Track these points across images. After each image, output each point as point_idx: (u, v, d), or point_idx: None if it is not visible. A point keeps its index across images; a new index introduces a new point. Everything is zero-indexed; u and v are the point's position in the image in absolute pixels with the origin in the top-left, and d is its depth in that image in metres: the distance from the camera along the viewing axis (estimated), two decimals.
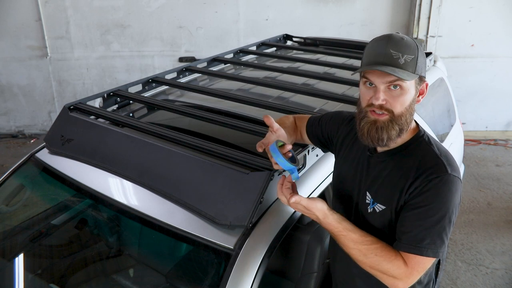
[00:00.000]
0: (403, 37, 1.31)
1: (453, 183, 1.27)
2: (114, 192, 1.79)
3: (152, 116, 2.27)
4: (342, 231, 1.33)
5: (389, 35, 1.33)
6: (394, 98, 1.29)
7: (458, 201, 1.30)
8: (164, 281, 1.82)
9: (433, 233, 1.26)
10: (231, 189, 1.58)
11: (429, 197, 1.27)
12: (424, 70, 1.32)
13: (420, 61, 1.29)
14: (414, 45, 1.29)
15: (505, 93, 5.55)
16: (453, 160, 1.33)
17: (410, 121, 1.34)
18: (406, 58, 1.27)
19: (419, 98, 1.34)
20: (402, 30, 5.46)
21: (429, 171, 1.29)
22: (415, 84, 1.31)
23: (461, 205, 4.20)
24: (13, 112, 5.87)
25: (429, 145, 1.35)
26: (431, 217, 1.26)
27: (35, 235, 2.10)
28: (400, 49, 1.27)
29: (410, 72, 1.27)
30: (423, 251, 1.26)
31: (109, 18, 5.46)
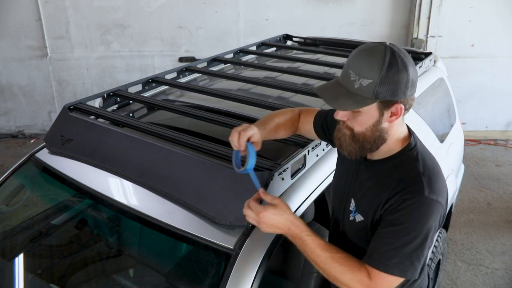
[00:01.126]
0: (372, 56, 1.20)
1: (428, 206, 1.24)
2: (114, 192, 1.79)
3: (152, 116, 2.27)
4: (310, 236, 1.31)
5: (362, 50, 1.25)
6: (353, 118, 1.29)
7: (435, 225, 1.25)
8: (164, 281, 1.82)
9: (402, 254, 1.23)
10: (231, 189, 1.58)
11: (401, 217, 1.24)
12: (396, 94, 1.21)
13: (385, 84, 1.19)
14: (379, 67, 1.19)
15: (505, 93, 5.55)
16: (436, 181, 1.28)
17: (380, 140, 1.30)
18: (362, 82, 1.20)
19: (392, 118, 1.27)
20: (402, 30, 5.47)
21: (406, 190, 1.25)
22: (379, 107, 1.24)
23: (461, 205, 4.21)
24: (13, 112, 5.87)
25: (415, 162, 1.30)
26: (402, 237, 1.23)
27: (35, 235, 2.10)
28: (359, 71, 1.21)
29: (364, 97, 1.21)
30: (389, 269, 1.23)
31: (109, 18, 5.46)
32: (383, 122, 1.27)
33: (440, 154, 2.87)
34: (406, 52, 1.25)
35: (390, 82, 1.20)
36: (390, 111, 1.26)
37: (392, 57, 1.20)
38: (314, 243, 1.30)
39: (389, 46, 1.22)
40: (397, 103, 1.24)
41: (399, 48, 1.24)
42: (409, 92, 1.24)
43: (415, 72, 1.25)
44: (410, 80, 1.22)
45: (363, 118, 1.27)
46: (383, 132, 1.29)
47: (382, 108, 1.25)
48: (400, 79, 1.20)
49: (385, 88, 1.20)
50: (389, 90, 1.20)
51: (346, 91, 1.24)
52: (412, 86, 1.24)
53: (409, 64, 1.22)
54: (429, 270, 2.70)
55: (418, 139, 1.39)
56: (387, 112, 1.26)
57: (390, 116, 1.27)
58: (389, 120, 1.27)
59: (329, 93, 1.28)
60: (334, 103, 1.26)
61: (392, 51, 1.21)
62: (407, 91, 1.23)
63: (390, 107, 1.25)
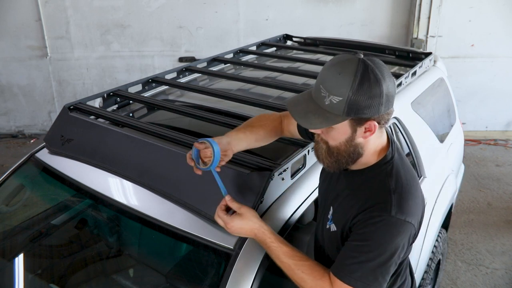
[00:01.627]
0: (343, 72, 1.15)
1: (394, 226, 1.21)
2: (114, 192, 1.79)
3: (152, 116, 2.27)
4: (274, 242, 1.33)
5: (334, 64, 1.19)
6: (327, 132, 1.26)
7: (402, 244, 1.24)
8: (164, 281, 1.82)
9: (365, 268, 1.22)
10: (231, 189, 1.58)
11: (366, 233, 1.23)
12: (369, 111, 1.17)
13: (356, 102, 1.14)
14: (350, 84, 1.14)
15: (505, 93, 5.55)
16: (407, 200, 1.24)
17: (355, 154, 1.27)
18: (333, 99, 1.16)
19: (366, 134, 1.23)
20: (402, 30, 5.47)
21: (374, 207, 1.23)
22: (351, 124, 1.21)
23: (461, 205, 4.21)
24: (13, 112, 5.87)
25: (388, 177, 1.27)
26: (366, 253, 1.22)
27: (35, 235, 2.10)
28: (330, 87, 1.16)
29: (334, 114, 1.17)
30: (352, 282, 1.22)
31: (109, 18, 5.46)
32: (357, 138, 1.25)
33: (440, 154, 2.87)
34: (382, 66, 1.20)
35: (361, 100, 1.15)
36: (364, 127, 1.22)
37: (364, 72, 1.15)
38: (278, 250, 1.32)
39: (362, 60, 1.17)
40: (370, 120, 1.20)
41: (375, 61, 1.19)
42: (383, 108, 1.18)
43: (392, 86, 1.20)
44: (384, 96, 1.16)
45: (335, 133, 1.24)
46: (358, 147, 1.27)
47: (355, 125, 1.22)
48: (372, 96, 1.15)
49: (355, 106, 1.15)
50: (360, 108, 1.16)
51: (316, 108, 1.20)
52: (388, 101, 1.19)
53: (383, 80, 1.16)
54: (429, 270, 2.70)
55: (397, 150, 1.35)
56: (360, 128, 1.22)
57: (364, 132, 1.23)
58: (363, 136, 1.24)
59: (300, 108, 1.24)
60: (303, 120, 1.23)
61: (365, 66, 1.15)
62: (381, 108, 1.18)
63: (363, 124, 1.21)
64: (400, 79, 2.46)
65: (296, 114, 1.24)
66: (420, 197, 1.32)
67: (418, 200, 1.30)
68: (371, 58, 1.19)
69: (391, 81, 1.20)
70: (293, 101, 1.28)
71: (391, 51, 3.21)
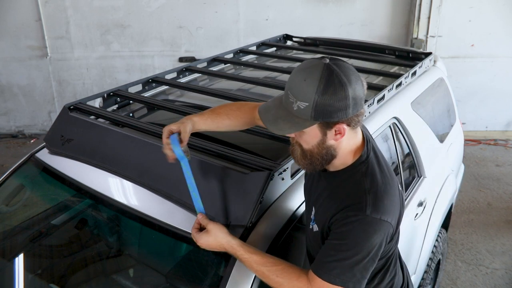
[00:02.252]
0: (308, 78, 1.18)
1: (370, 224, 1.24)
2: (114, 192, 1.79)
3: (152, 116, 2.27)
4: (244, 254, 1.36)
5: (300, 70, 1.22)
6: (299, 135, 1.29)
7: (379, 242, 1.26)
8: (164, 281, 1.82)
9: (343, 266, 1.25)
10: (231, 189, 1.58)
11: (343, 233, 1.26)
12: (336, 115, 1.19)
13: (323, 106, 1.17)
14: (315, 89, 1.16)
15: (505, 93, 5.55)
16: (382, 199, 1.27)
17: (328, 156, 1.30)
18: (300, 104, 1.19)
19: (337, 137, 1.25)
20: (402, 30, 5.47)
21: (350, 207, 1.26)
22: (320, 127, 1.23)
23: (461, 205, 4.21)
24: (13, 112, 5.87)
25: (363, 177, 1.30)
26: (343, 252, 1.25)
27: (35, 235, 2.10)
28: (296, 93, 1.20)
29: (303, 119, 1.20)
30: (331, 279, 1.25)
31: (109, 18, 5.45)
32: (328, 140, 1.27)
33: (440, 154, 2.87)
34: (348, 69, 1.22)
35: (327, 104, 1.17)
36: (334, 130, 1.24)
37: (329, 77, 1.17)
38: (250, 260, 1.35)
39: (327, 65, 1.19)
40: (339, 123, 1.22)
41: (340, 65, 1.21)
42: (351, 111, 1.20)
43: (360, 88, 1.21)
44: (351, 99, 1.18)
45: (307, 137, 1.27)
46: (331, 149, 1.29)
47: (324, 128, 1.24)
48: (338, 99, 1.17)
49: (322, 111, 1.18)
50: (327, 112, 1.18)
51: (286, 113, 1.24)
52: (356, 104, 1.20)
53: (349, 83, 1.18)
54: (429, 270, 2.70)
55: (372, 149, 1.38)
56: (330, 131, 1.25)
57: (335, 135, 1.25)
58: (334, 138, 1.26)
59: (270, 114, 1.28)
60: (273, 126, 1.26)
61: (330, 71, 1.18)
62: (348, 110, 1.20)
63: (332, 127, 1.23)
64: (400, 79, 2.46)
65: (266, 121, 1.28)
66: (397, 195, 1.34)
67: (394, 198, 1.32)
68: (337, 62, 1.22)
69: (358, 84, 1.22)
70: (264, 107, 1.32)
71: (391, 51, 3.21)
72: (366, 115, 2.09)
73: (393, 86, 2.37)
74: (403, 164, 2.41)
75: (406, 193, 2.40)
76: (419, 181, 2.55)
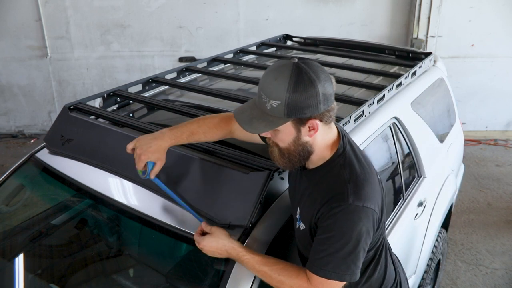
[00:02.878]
0: (278, 77, 1.23)
1: (354, 212, 1.27)
2: (114, 192, 1.79)
3: (152, 116, 2.27)
4: (246, 255, 1.39)
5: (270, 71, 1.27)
6: (275, 135, 1.33)
7: (365, 229, 1.29)
8: (164, 281, 1.82)
9: (336, 259, 1.28)
10: (231, 189, 1.58)
11: (330, 225, 1.29)
12: (308, 111, 1.24)
13: (294, 103, 1.22)
14: (285, 87, 1.21)
15: (505, 93, 5.55)
16: (363, 187, 1.30)
17: (305, 153, 1.34)
18: (273, 103, 1.24)
19: (311, 133, 1.29)
20: (402, 30, 5.47)
21: (332, 199, 1.29)
22: (294, 124, 1.28)
23: (461, 205, 4.21)
24: (13, 112, 5.87)
25: (341, 169, 1.34)
26: (333, 244, 1.28)
27: (35, 235, 2.10)
28: (268, 93, 1.25)
29: (277, 117, 1.25)
30: (327, 274, 1.29)
31: (109, 18, 5.45)
32: (303, 137, 1.31)
33: (440, 154, 2.87)
34: (316, 67, 1.26)
35: (298, 101, 1.22)
36: (307, 126, 1.28)
37: (298, 75, 1.22)
38: (252, 261, 1.38)
39: (295, 64, 1.24)
40: (311, 119, 1.27)
41: (309, 63, 1.26)
42: (322, 107, 1.25)
43: (328, 85, 1.26)
44: (321, 95, 1.23)
45: (282, 135, 1.32)
46: (306, 146, 1.33)
47: (298, 125, 1.28)
48: (309, 96, 1.22)
49: (294, 107, 1.23)
50: (299, 108, 1.23)
51: (260, 113, 1.28)
52: (326, 99, 1.25)
53: (318, 80, 1.23)
54: (429, 270, 2.70)
55: (348, 142, 1.41)
56: (304, 127, 1.29)
57: (309, 131, 1.30)
58: (308, 134, 1.30)
59: (244, 115, 1.32)
60: (247, 126, 1.30)
61: (299, 69, 1.23)
62: (319, 106, 1.24)
63: (305, 123, 1.28)
64: (400, 79, 2.46)
65: (242, 122, 1.32)
66: (376, 183, 1.37)
67: (375, 186, 1.35)
68: (305, 61, 1.27)
69: (327, 80, 1.26)
70: (239, 109, 1.36)
71: (391, 51, 3.21)
72: (366, 115, 2.09)
73: (393, 86, 2.37)
74: (403, 164, 2.41)
75: (406, 193, 2.40)
76: (419, 181, 2.55)
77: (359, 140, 1.97)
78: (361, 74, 2.73)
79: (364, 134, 2.02)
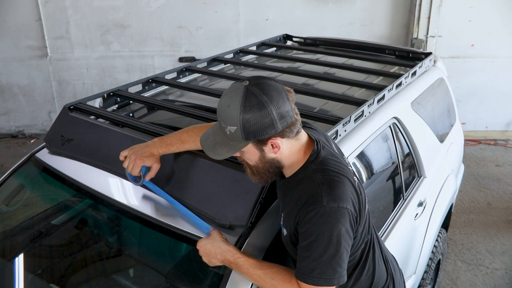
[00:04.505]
0: (230, 103, 1.25)
1: (330, 214, 1.27)
2: (114, 192, 1.79)
3: (152, 116, 2.27)
4: (241, 257, 1.39)
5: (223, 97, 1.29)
6: (242, 155, 1.36)
7: (344, 229, 1.29)
8: (164, 281, 1.82)
9: (321, 264, 1.28)
10: (231, 189, 1.58)
11: (309, 229, 1.29)
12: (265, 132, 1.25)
13: (249, 127, 1.24)
14: (238, 113, 1.23)
15: (505, 93, 5.55)
16: (336, 188, 1.30)
17: (274, 168, 1.36)
18: (230, 129, 1.26)
19: (275, 150, 1.31)
20: (402, 30, 5.47)
21: (307, 202, 1.30)
22: (255, 145, 1.30)
23: (461, 205, 4.21)
24: (13, 112, 5.87)
25: (315, 173, 1.34)
26: (315, 249, 1.28)
27: (35, 235, 2.10)
28: (224, 120, 1.27)
29: (237, 141, 1.28)
30: (315, 281, 1.29)
31: (109, 18, 5.45)
32: (268, 154, 1.33)
33: (440, 154, 2.87)
34: (268, 87, 1.26)
35: (253, 124, 1.24)
36: (270, 145, 1.30)
37: (248, 99, 1.23)
38: (247, 264, 1.38)
39: (246, 87, 1.24)
40: (271, 138, 1.28)
41: (260, 84, 1.25)
42: (280, 125, 1.26)
43: (283, 103, 1.25)
44: (276, 115, 1.24)
45: (248, 155, 1.35)
46: (274, 162, 1.35)
47: (260, 145, 1.30)
48: (262, 117, 1.23)
49: (251, 131, 1.25)
50: (256, 131, 1.25)
51: (221, 138, 1.31)
52: (282, 117, 1.26)
53: (270, 101, 1.23)
54: (429, 270, 2.70)
55: (322, 146, 1.40)
56: (266, 147, 1.30)
57: (273, 148, 1.31)
58: (273, 151, 1.32)
59: (209, 141, 1.35)
60: (211, 153, 1.34)
61: (250, 92, 1.23)
62: (277, 125, 1.25)
63: (266, 143, 1.29)
64: (400, 79, 2.46)
65: (206, 148, 1.36)
66: (350, 184, 1.36)
67: (349, 187, 1.35)
68: (257, 82, 1.27)
69: (281, 98, 1.26)
70: (204, 135, 1.39)
71: (391, 51, 3.21)
72: (366, 115, 2.09)
73: (393, 86, 2.37)
74: (403, 164, 2.41)
75: (406, 193, 2.40)
76: (419, 181, 2.55)
77: (359, 140, 1.97)
78: (361, 74, 2.73)
79: (364, 134, 2.02)
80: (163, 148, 1.63)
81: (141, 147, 1.63)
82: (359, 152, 1.99)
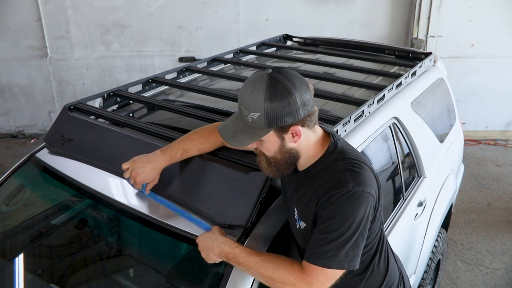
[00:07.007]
0: (254, 89, 1.26)
1: (354, 198, 1.29)
2: (114, 192, 1.79)
3: (152, 116, 2.27)
4: (238, 246, 1.40)
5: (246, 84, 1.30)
6: (261, 145, 1.36)
7: (366, 214, 1.31)
8: (164, 281, 1.82)
9: (336, 246, 1.29)
10: (231, 189, 1.58)
11: (331, 212, 1.30)
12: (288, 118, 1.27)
13: (273, 113, 1.25)
14: (262, 99, 1.24)
15: (505, 93, 5.55)
16: (360, 174, 1.33)
17: (292, 159, 1.37)
18: (253, 115, 1.27)
19: (295, 139, 1.32)
20: (402, 30, 5.47)
21: (332, 187, 1.31)
22: (276, 133, 1.31)
23: (461, 205, 4.21)
24: (13, 112, 5.87)
25: (336, 162, 1.36)
26: (334, 231, 1.29)
27: (35, 235, 2.10)
28: (247, 106, 1.28)
29: (259, 128, 1.29)
30: (326, 263, 1.29)
31: (109, 18, 5.45)
32: (287, 143, 1.34)
33: (440, 154, 2.87)
34: (292, 75, 1.28)
35: (277, 110, 1.25)
36: (290, 133, 1.31)
37: (273, 85, 1.25)
38: (245, 252, 1.39)
39: (270, 74, 1.27)
40: (293, 126, 1.29)
41: (284, 72, 1.28)
42: (302, 113, 1.28)
43: (305, 91, 1.28)
44: (299, 102, 1.26)
45: (267, 145, 1.34)
46: (293, 152, 1.36)
47: (281, 133, 1.31)
48: (286, 104, 1.25)
49: (274, 117, 1.26)
50: (279, 117, 1.26)
51: (243, 126, 1.31)
52: (304, 105, 1.28)
53: (294, 88, 1.26)
54: (429, 270, 2.70)
55: (338, 138, 1.44)
56: (287, 135, 1.31)
57: (293, 137, 1.32)
58: (293, 141, 1.33)
59: (228, 130, 1.35)
60: (232, 141, 1.34)
61: (274, 79, 1.25)
62: (299, 112, 1.27)
63: (287, 130, 1.30)
64: (400, 79, 2.46)
65: (226, 137, 1.35)
66: (371, 171, 1.39)
67: (371, 174, 1.37)
68: (280, 70, 1.29)
69: (303, 87, 1.29)
70: (222, 125, 1.39)
71: (391, 51, 3.21)
72: (366, 115, 2.09)
73: (393, 86, 2.37)
74: (403, 164, 2.41)
75: (406, 193, 2.40)
76: (419, 181, 2.55)
77: (359, 140, 1.97)
78: (361, 74, 2.73)
79: (364, 134, 2.02)
80: (166, 162, 1.64)
81: (143, 162, 1.63)
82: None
